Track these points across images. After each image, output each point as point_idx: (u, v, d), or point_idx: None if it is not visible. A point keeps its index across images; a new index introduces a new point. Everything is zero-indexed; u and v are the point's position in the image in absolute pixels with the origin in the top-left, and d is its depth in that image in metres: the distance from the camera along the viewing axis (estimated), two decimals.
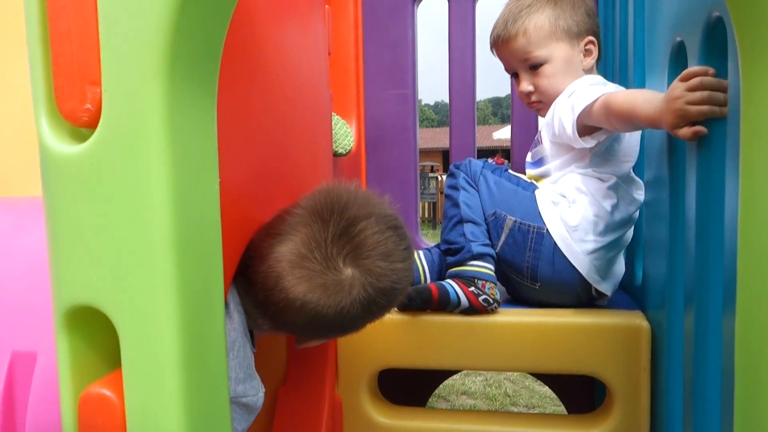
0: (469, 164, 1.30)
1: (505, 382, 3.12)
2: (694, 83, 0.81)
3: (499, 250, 1.25)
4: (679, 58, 0.95)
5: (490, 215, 1.25)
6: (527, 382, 3.07)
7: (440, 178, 13.51)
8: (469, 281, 1.23)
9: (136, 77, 0.54)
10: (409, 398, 1.55)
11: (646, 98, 0.97)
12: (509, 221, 1.23)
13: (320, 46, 1.16)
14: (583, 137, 1.20)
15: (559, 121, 1.23)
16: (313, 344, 0.95)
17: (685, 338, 0.94)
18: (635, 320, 1.15)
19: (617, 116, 1.05)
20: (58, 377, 0.58)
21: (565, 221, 1.20)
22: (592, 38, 1.32)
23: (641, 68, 1.29)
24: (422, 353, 1.24)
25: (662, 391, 1.06)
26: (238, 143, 0.79)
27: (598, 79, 1.30)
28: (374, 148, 1.89)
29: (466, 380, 3.13)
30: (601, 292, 1.23)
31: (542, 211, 1.22)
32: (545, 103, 1.34)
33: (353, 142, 1.48)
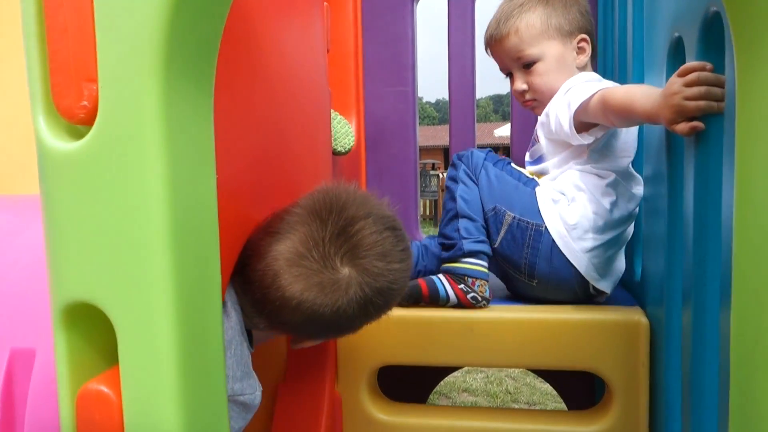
0: (471, 156, 1.30)
1: (506, 379, 3.12)
2: (691, 78, 0.81)
3: (497, 245, 1.24)
4: (677, 53, 0.95)
5: (489, 210, 1.25)
6: (528, 379, 3.07)
7: (441, 175, 13.50)
8: (459, 278, 1.24)
9: (132, 74, 0.54)
10: (409, 395, 1.55)
11: (643, 93, 0.97)
12: (508, 217, 1.23)
13: (319, 43, 1.16)
14: (580, 134, 1.20)
15: (555, 117, 1.23)
16: (308, 345, 0.95)
17: (683, 334, 0.94)
18: (634, 316, 1.15)
19: (614, 111, 1.05)
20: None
21: (564, 219, 1.20)
22: (585, 36, 1.33)
23: (640, 64, 1.29)
24: (422, 350, 1.24)
25: (661, 386, 1.06)
26: (235, 141, 0.79)
27: (593, 75, 1.30)
28: (374, 145, 1.89)
29: (467, 377, 3.13)
30: (599, 289, 1.23)
31: (542, 208, 1.21)
32: (539, 101, 1.35)
33: (353, 140, 1.47)
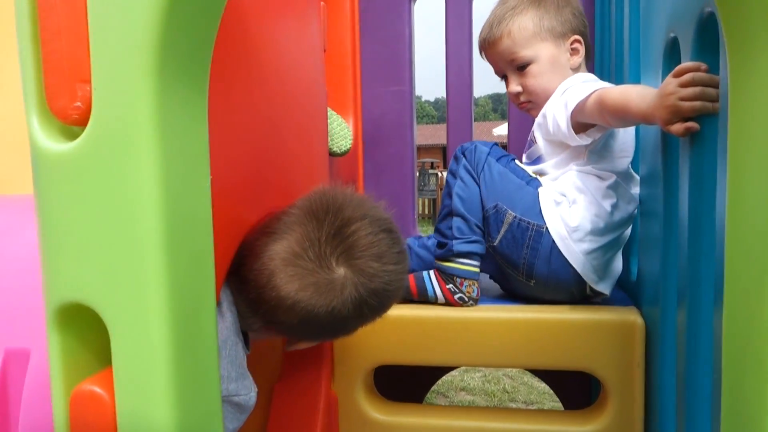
0: (474, 150, 1.28)
1: (503, 378, 3.12)
2: (686, 79, 0.81)
3: (497, 243, 1.24)
4: (672, 54, 0.95)
5: (491, 207, 1.24)
6: (526, 378, 3.07)
7: (440, 174, 13.50)
8: (448, 278, 1.26)
9: (125, 75, 0.54)
10: (406, 394, 1.55)
11: (639, 94, 0.97)
12: (509, 216, 1.22)
13: (315, 43, 1.16)
14: (578, 134, 1.19)
15: (553, 118, 1.23)
16: (303, 346, 0.95)
17: (677, 334, 0.94)
18: (630, 316, 1.15)
19: (611, 112, 1.05)
20: None
21: (565, 221, 1.20)
22: (578, 37, 1.33)
23: (636, 64, 1.29)
24: (418, 350, 1.24)
25: (656, 386, 1.07)
26: (230, 141, 0.79)
27: (590, 76, 1.29)
28: (371, 145, 1.89)
29: (465, 376, 3.13)
30: (596, 290, 1.23)
31: (544, 209, 1.21)
32: (535, 103, 1.35)
33: (351, 142, 1.46)
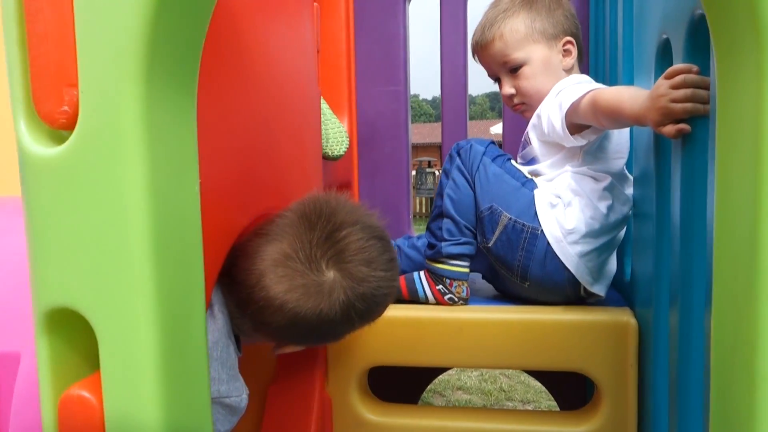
0: (469, 150, 1.28)
1: (500, 377, 3.13)
2: (677, 81, 0.81)
3: (491, 244, 1.24)
4: (665, 55, 0.95)
5: (486, 208, 1.24)
6: (522, 377, 3.07)
7: (437, 173, 13.50)
8: (438, 279, 1.27)
9: (112, 79, 0.54)
10: (402, 394, 1.55)
11: (631, 95, 0.97)
12: (504, 218, 1.22)
13: (308, 44, 1.15)
14: (573, 135, 1.19)
15: (548, 119, 1.23)
16: (290, 350, 0.95)
17: (670, 335, 0.94)
18: (623, 317, 1.15)
19: (604, 113, 1.05)
20: None
21: (560, 224, 1.19)
22: (570, 39, 1.32)
23: (630, 65, 1.29)
24: (411, 351, 1.24)
25: (649, 387, 1.07)
26: (221, 144, 0.79)
27: (584, 77, 1.29)
28: (367, 144, 1.89)
29: (461, 375, 3.14)
30: (590, 291, 1.23)
31: (539, 212, 1.20)
32: (528, 104, 1.35)
33: (347, 146, 1.44)
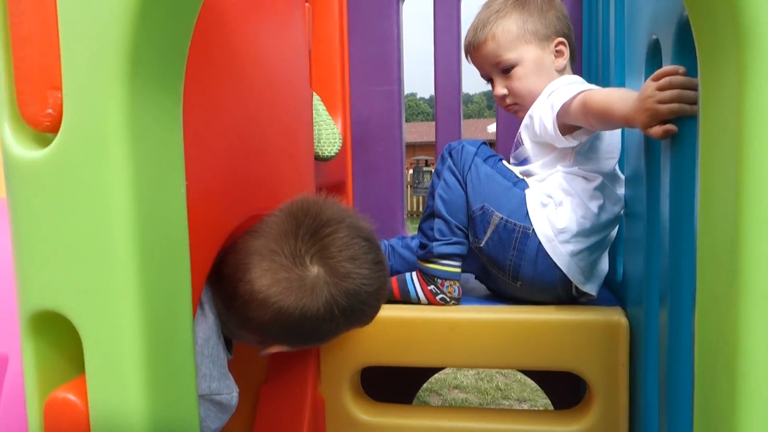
0: (461, 150, 1.28)
1: (496, 375, 3.13)
2: (663, 83, 0.81)
3: (483, 244, 1.24)
4: (655, 56, 0.95)
5: (477, 209, 1.24)
6: (519, 375, 3.08)
7: None
8: (430, 279, 1.27)
9: (96, 82, 0.54)
10: (397, 394, 1.55)
11: (620, 97, 0.97)
12: (496, 217, 1.22)
13: (299, 45, 1.15)
14: (564, 136, 1.20)
15: (540, 119, 1.23)
16: (274, 350, 0.95)
17: (659, 334, 0.94)
18: (614, 317, 1.16)
19: (594, 114, 1.05)
20: None
21: (552, 223, 1.19)
22: (562, 39, 1.33)
23: (622, 66, 1.29)
24: (404, 351, 1.24)
25: (640, 386, 1.07)
26: (210, 145, 0.79)
27: (576, 78, 1.30)
28: (360, 144, 1.89)
29: (458, 374, 3.14)
30: (582, 291, 1.23)
31: (530, 211, 1.21)
32: (521, 105, 1.35)
33: (339, 146, 1.44)
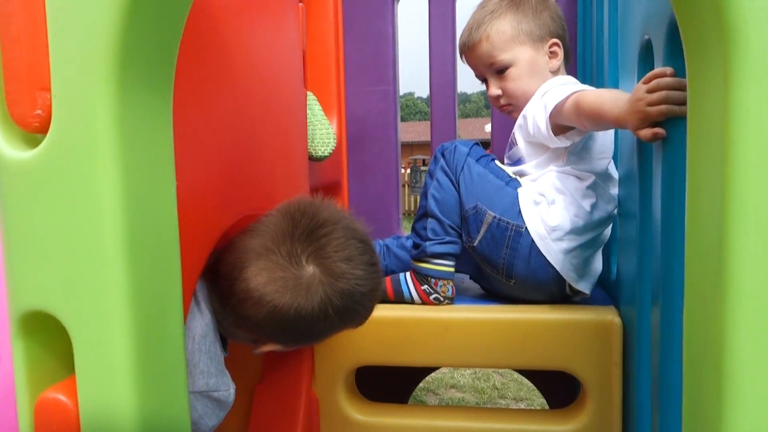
0: (453, 151, 1.29)
1: (493, 375, 3.13)
2: (652, 85, 0.82)
3: (476, 243, 1.24)
4: (647, 56, 0.95)
5: (470, 208, 1.24)
6: (515, 375, 3.08)
7: None
8: (423, 278, 1.28)
9: (85, 82, 0.54)
10: (393, 393, 1.55)
11: (612, 98, 0.98)
12: (489, 217, 1.22)
13: (293, 45, 1.15)
14: (557, 136, 1.20)
15: (533, 120, 1.23)
16: (268, 349, 0.95)
17: (652, 334, 0.95)
18: (607, 316, 1.16)
19: (586, 115, 1.05)
20: None
21: (544, 221, 1.20)
22: (556, 40, 1.33)
23: (615, 66, 1.29)
24: (398, 350, 1.25)
25: (633, 385, 1.07)
26: (202, 144, 0.79)
27: (569, 79, 1.30)
28: (356, 144, 1.89)
29: (455, 374, 3.14)
30: (575, 289, 1.23)
31: (523, 210, 1.21)
32: (515, 105, 1.35)
33: (333, 147, 1.44)
